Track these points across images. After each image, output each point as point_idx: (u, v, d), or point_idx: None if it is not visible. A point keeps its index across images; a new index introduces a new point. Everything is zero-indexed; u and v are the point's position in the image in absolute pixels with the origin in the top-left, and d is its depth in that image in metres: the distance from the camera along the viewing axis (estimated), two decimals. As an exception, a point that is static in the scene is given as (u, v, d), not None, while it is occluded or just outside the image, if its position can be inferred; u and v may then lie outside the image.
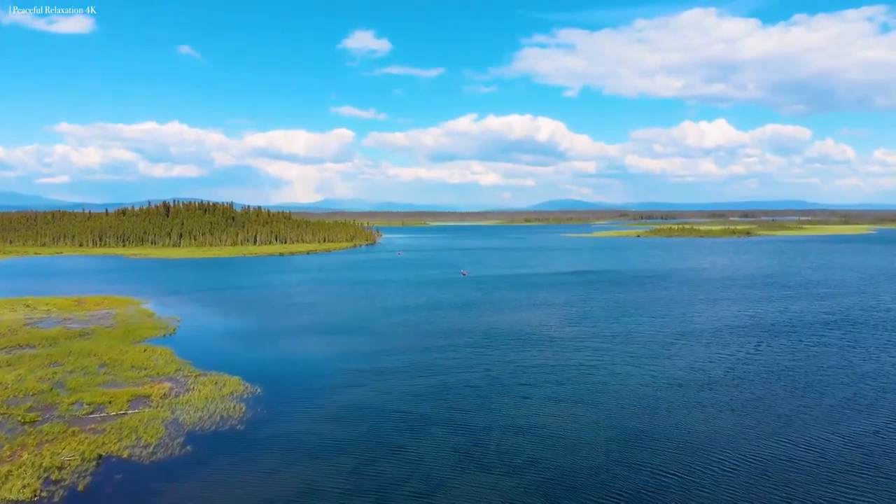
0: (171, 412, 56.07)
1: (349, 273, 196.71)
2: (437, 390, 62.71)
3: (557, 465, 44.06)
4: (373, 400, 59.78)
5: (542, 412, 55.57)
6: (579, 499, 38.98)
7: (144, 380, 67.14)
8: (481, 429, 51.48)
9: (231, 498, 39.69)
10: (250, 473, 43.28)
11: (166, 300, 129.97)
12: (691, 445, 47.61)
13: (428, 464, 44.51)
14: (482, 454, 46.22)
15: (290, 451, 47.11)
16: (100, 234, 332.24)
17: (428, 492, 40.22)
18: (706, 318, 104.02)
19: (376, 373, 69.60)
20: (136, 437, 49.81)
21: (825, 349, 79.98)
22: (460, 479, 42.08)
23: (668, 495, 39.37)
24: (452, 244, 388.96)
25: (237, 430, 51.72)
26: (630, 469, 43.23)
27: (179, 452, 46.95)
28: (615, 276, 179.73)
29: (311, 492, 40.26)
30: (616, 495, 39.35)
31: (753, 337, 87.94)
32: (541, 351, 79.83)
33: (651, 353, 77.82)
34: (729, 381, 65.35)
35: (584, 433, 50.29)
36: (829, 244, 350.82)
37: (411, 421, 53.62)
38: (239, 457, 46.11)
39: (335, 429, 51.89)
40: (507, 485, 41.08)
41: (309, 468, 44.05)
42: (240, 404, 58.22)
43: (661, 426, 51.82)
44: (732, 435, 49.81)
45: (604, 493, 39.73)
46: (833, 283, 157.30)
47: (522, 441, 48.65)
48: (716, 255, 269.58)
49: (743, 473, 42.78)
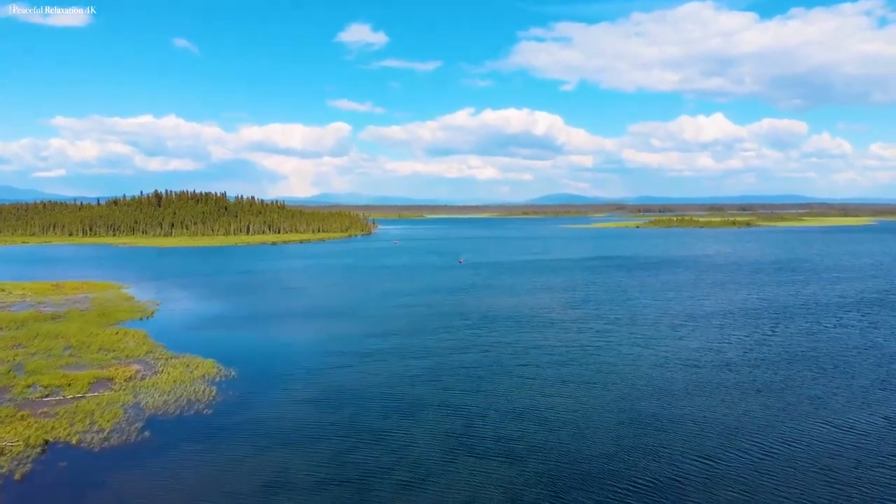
0: (134, 396, 50.55)
1: (343, 260, 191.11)
2: (430, 373, 57.25)
3: (563, 452, 38.61)
4: (359, 383, 54.28)
5: (544, 395, 50.09)
6: (589, 489, 33.54)
7: (111, 362, 61.59)
8: (477, 413, 46.00)
9: (187, 489, 34.21)
10: (213, 461, 37.81)
11: (149, 285, 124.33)
12: (715, 428, 42.22)
13: (417, 451, 39.04)
14: (478, 440, 40.76)
15: (261, 438, 41.61)
16: (90, 223, 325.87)
17: (416, 481, 34.75)
18: (715, 301, 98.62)
19: (364, 355, 64.10)
20: (90, 422, 44.34)
21: (846, 330, 74.60)
22: (453, 466, 36.62)
23: (693, 483, 33.94)
24: (450, 234, 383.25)
25: (204, 415, 46.19)
26: (646, 456, 37.80)
27: (136, 438, 41.48)
28: (617, 261, 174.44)
29: (281, 482, 34.76)
30: (631, 485, 33.91)
31: (767, 319, 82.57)
32: (542, 333, 74.34)
33: (660, 335, 72.41)
34: (748, 362, 59.95)
35: (592, 417, 44.84)
36: (831, 234, 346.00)
37: (400, 405, 48.13)
38: (203, 444, 40.63)
39: (315, 414, 46.41)
40: (506, 473, 35.63)
41: (281, 455, 38.56)
42: (210, 387, 52.69)
43: (679, 409, 46.40)
44: (761, 416, 44.48)
45: (617, 482, 34.30)
46: (844, 267, 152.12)
47: (523, 426, 43.18)
48: (719, 243, 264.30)
49: (779, 457, 37.47)
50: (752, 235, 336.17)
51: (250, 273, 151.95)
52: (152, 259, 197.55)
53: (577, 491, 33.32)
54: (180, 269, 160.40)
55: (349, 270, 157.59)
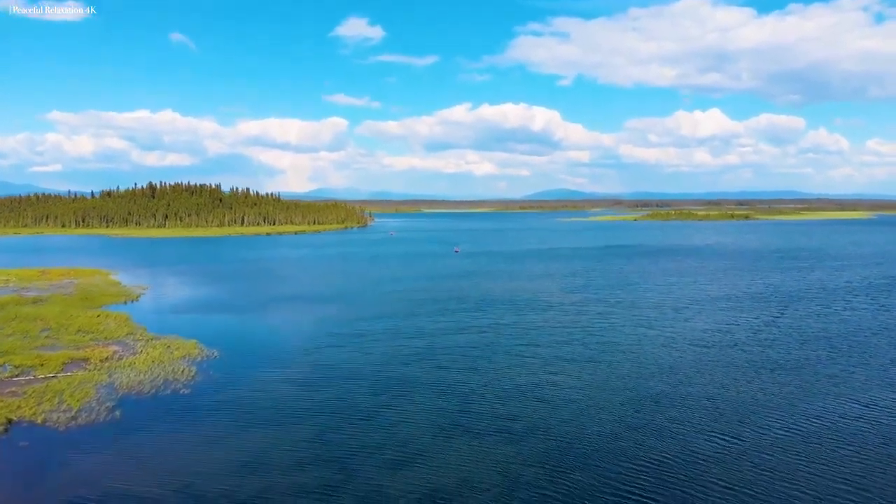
0: (109, 376, 47.48)
1: (338, 249, 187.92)
2: (424, 352, 54.30)
3: (563, 431, 35.66)
4: (348, 363, 51.29)
5: (544, 374, 47.14)
6: (591, 469, 30.60)
7: (88, 343, 58.50)
8: (473, 393, 43.03)
9: (158, 468, 31.19)
10: (187, 440, 34.84)
11: (137, 272, 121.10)
12: (730, 406, 39.39)
13: (407, 430, 36.07)
14: (474, 419, 37.81)
15: (241, 417, 38.63)
16: (83, 215, 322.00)
17: (405, 461, 31.79)
18: (720, 286, 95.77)
19: (356, 336, 61.11)
20: (59, 402, 41.31)
21: (856, 313, 71.77)
22: (446, 446, 33.66)
23: (709, 461, 31.02)
24: (447, 226, 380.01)
25: (181, 394, 43.18)
26: (653, 435, 34.87)
27: (105, 418, 38.46)
28: (616, 250, 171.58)
29: (259, 462, 31.76)
30: (637, 465, 30.97)
31: (775, 302, 79.72)
32: (541, 315, 71.40)
33: (664, 317, 69.52)
34: (759, 342, 57.11)
35: (596, 395, 41.91)
36: (831, 226, 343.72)
37: (392, 384, 45.15)
38: (178, 423, 37.63)
39: (300, 393, 43.40)
40: (503, 453, 32.68)
41: (261, 434, 35.56)
42: (190, 367, 49.65)
43: (689, 387, 43.51)
44: (778, 394, 41.72)
45: (622, 462, 31.36)
46: (847, 255, 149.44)
47: (521, 405, 40.23)
48: (719, 234, 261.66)
49: (802, 433, 34.76)
50: (752, 227, 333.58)
51: (242, 261, 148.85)
52: (143, 248, 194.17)
53: (581, 471, 30.41)
54: (171, 258, 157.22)
55: (343, 259, 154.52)
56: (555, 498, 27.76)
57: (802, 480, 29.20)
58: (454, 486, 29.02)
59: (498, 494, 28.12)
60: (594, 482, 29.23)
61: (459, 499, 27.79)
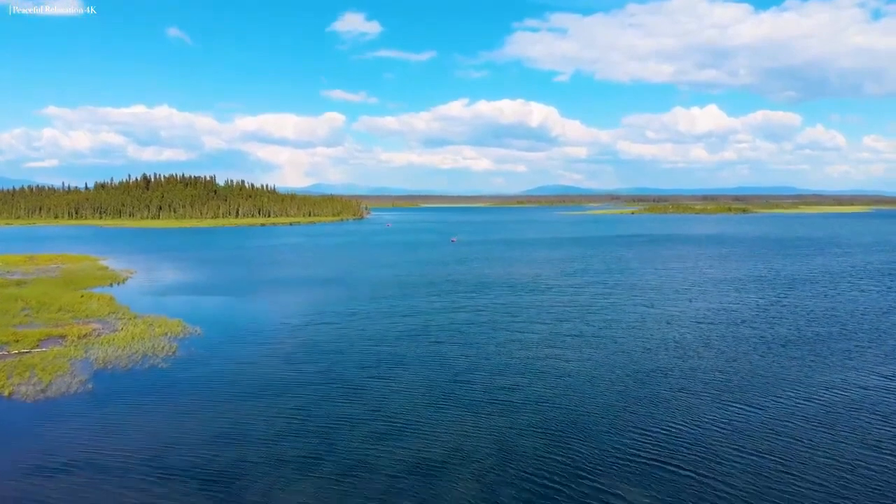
0: (84, 351, 45.18)
1: (333, 238, 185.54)
2: (418, 330, 52.08)
3: (561, 403, 33.45)
4: (338, 339, 49.04)
5: (542, 349, 44.98)
6: (593, 439, 28.40)
7: (68, 322, 56.14)
8: (468, 367, 40.84)
9: (129, 438, 28.94)
10: (162, 412, 32.60)
11: (127, 258, 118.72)
12: (742, 377, 37.36)
13: (396, 403, 33.85)
14: (466, 392, 35.62)
15: (220, 390, 36.38)
16: (76, 206, 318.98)
17: (393, 432, 29.59)
18: (722, 270, 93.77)
19: (347, 315, 58.90)
20: (30, 376, 39.01)
21: (863, 294, 69.73)
22: (437, 418, 31.45)
23: (722, 431, 28.86)
24: (444, 218, 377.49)
25: (159, 368, 40.92)
26: (661, 406, 32.71)
27: (77, 390, 36.21)
28: (614, 239, 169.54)
29: (234, 434, 29.51)
30: (641, 436, 28.76)
31: (779, 284, 77.69)
32: (539, 296, 69.22)
33: (666, 297, 67.43)
34: (766, 319, 55.08)
35: (597, 370, 39.73)
36: (830, 218, 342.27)
37: (382, 359, 42.92)
38: (153, 395, 35.38)
39: (286, 367, 41.16)
40: (499, 424, 30.50)
41: (240, 408, 33.30)
42: (172, 343, 47.35)
43: (697, 360, 41.40)
44: (792, 367, 39.73)
45: (623, 433, 29.16)
46: (849, 243, 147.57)
47: (518, 378, 38.05)
48: (718, 225, 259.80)
49: (820, 403, 32.63)
50: (750, 220, 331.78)
51: (235, 248, 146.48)
52: (134, 237, 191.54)
53: (582, 441, 28.23)
54: (161, 245, 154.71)
55: (338, 247, 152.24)
56: (553, 467, 25.60)
57: (827, 447, 27.12)
58: (445, 455, 26.84)
59: (492, 464, 25.95)
60: (596, 451, 27.08)
61: (451, 468, 25.61)
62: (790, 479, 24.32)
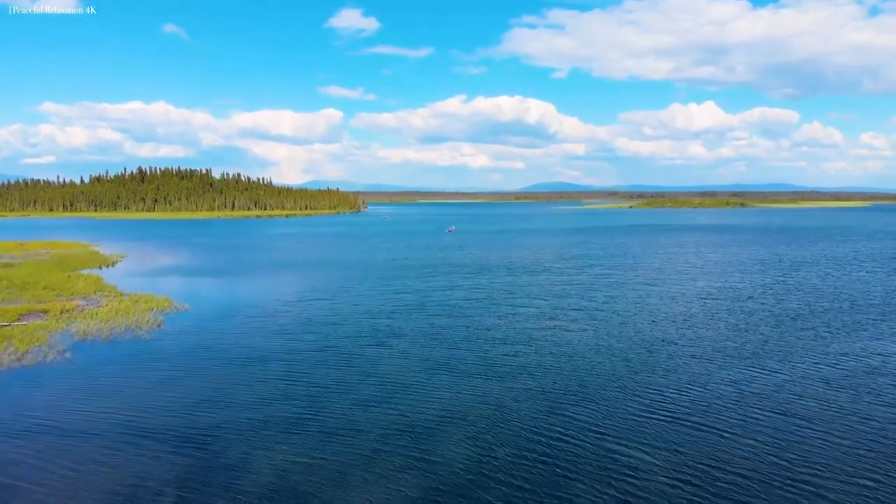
0: (66, 325, 43.35)
1: (329, 228, 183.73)
2: (413, 304, 50.39)
3: (560, 371, 31.67)
4: (331, 313, 47.30)
5: (542, 321, 43.32)
6: (595, 404, 26.64)
7: (52, 299, 54.31)
8: (464, 337, 39.13)
9: (97, 404, 27.16)
10: (140, 379, 30.85)
11: (119, 244, 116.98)
12: (755, 346, 35.87)
13: (389, 369, 32.14)
14: (463, 360, 33.92)
15: (204, 359, 34.62)
16: (71, 199, 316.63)
17: (384, 397, 27.87)
18: (724, 254, 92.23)
19: (342, 290, 57.26)
20: (7, 346, 37.19)
21: (870, 274, 68.17)
22: (430, 383, 29.73)
23: (738, 394, 27.16)
24: (441, 212, 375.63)
25: (141, 340, 39.17)
26: (668, 373, 30.98)
27: (54, 359, 34.44)
28: (614, 228, 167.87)
29: (215, 400, 27.74)
30: (649, 399, 27.04)
31: (785, 265, 76.18)
32: (537, 276, 67.54)
33: (668, 277, 65.82)
34: (774, 295, 53.58)
35: (599, 340, 38.04)
36: (830, 212, 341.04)
37: (374, 331, 41.16)
38: (132, 364, 33.62)
39: (276, 338, 39.38)
40: (492, 388, 28.81)
41: (224, 375, 31.53)
42: (157, 317, 45.60)
43: (705, 331, 39.83)
44: (806, 336, 38.39)
45: (630, 396, 27.44)
46: (851, 231, 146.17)
47: (517, 348, 36.35)
48: (719, 217, 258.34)
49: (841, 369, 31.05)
50: (750, 213, 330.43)
51: (233, 236, 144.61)
52: (129, 226, 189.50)
53: (581, 406, 26.50)
54: (155, 233, 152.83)
55: (334, 236, 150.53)
56: (550, 431, 23.89)
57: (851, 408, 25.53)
58: (438, 418, 25.15)
59: (486, 427, 24.24)
60: (600, 415, 25.40)
61: (444, 431, 23.91)
62: (816, 438, 22.66)
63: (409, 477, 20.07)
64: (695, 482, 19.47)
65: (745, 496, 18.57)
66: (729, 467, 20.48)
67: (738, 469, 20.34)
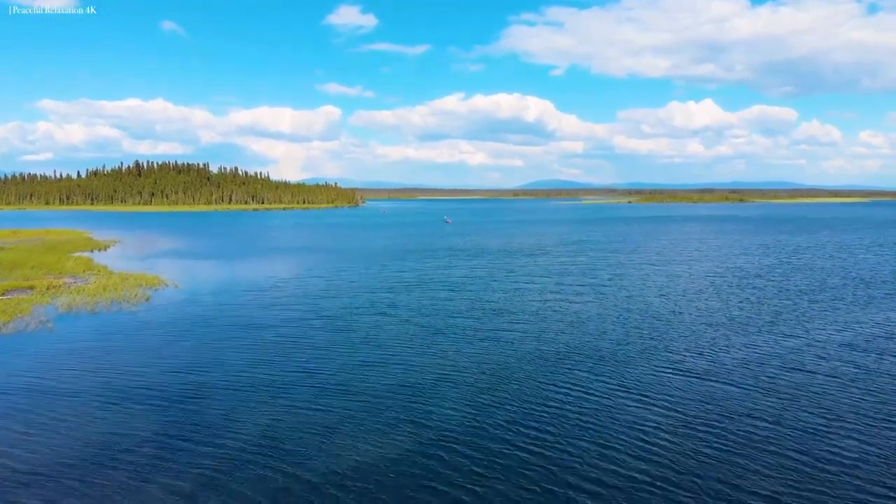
0: (51, 299, 41.85)
1: (327, 220, 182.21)
2: (411, 283, 48.96)
3: (565, 338, 30.11)
4: (326, 288, 45.85)
5: (543, 294, 41.86)
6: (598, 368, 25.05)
7: (39, 276, 52.79)
8: (463, 307, 37.67)
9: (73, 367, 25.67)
10: (120, 347, 29.33)
11: (114, 232, 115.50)
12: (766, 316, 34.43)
13: (385, 335, 30.65)
14: (461, 327, 32.45)
15: (192, 328, 33.10)
16: (67, 193, 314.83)
17: (379, 359, 26.39)
18: (726, 240, 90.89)
19: (338, 270, 55.90)
20: (-13, 318, 35.67)
21: (879, 257, 66.68)
22: (429, 348, 28.22)
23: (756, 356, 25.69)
24: (440, 207, 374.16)
25: (126, 312, 37.64)
26: (677, 339, 29.42)
27: (34, 329, 32.93)
28: (615, 218, 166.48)
29: (197, 364, 26.21)
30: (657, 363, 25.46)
31: (789, 249, 74.81)
32: (539, 258, 66.15)
33: (671, 259, 64.44)
34: (779, 274, 52.25)
35: (603, 310, 36.54)
36: (831, 207, 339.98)
37: (372, 302, 39.69)
38: (113, 334, 32.09)
39: (268, 309, 37.88)
40: (490, 351, 27.29)
41: (212, 342, 30.02)
42: (145, 292, 44.12)
43: (713, 304, 38.45)
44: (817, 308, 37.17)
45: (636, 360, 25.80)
46: (855, 221, 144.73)
47: (517, 316, 34.89)
48: (719, 210, 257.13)
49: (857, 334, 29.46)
50: (750, 207, 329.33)
51: (229, 225, 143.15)
52: (125, 218, 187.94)
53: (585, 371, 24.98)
54: (151, 224, 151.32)
55: (334, 225, 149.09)
56: (556, 392, 22.43)
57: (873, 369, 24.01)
58: (434, 380, 23.70)
59: (485, 387, 22.76)
60: (603, 378, 23.92)
61: (440, 391, 22.44)
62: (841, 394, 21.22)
63: (401, 436, 18.61)
64: (727, 435, 18.03)
65: (771, 445, 17.15)
66: (760, 421, 19.04)
67: (767, 422, 18.90)
